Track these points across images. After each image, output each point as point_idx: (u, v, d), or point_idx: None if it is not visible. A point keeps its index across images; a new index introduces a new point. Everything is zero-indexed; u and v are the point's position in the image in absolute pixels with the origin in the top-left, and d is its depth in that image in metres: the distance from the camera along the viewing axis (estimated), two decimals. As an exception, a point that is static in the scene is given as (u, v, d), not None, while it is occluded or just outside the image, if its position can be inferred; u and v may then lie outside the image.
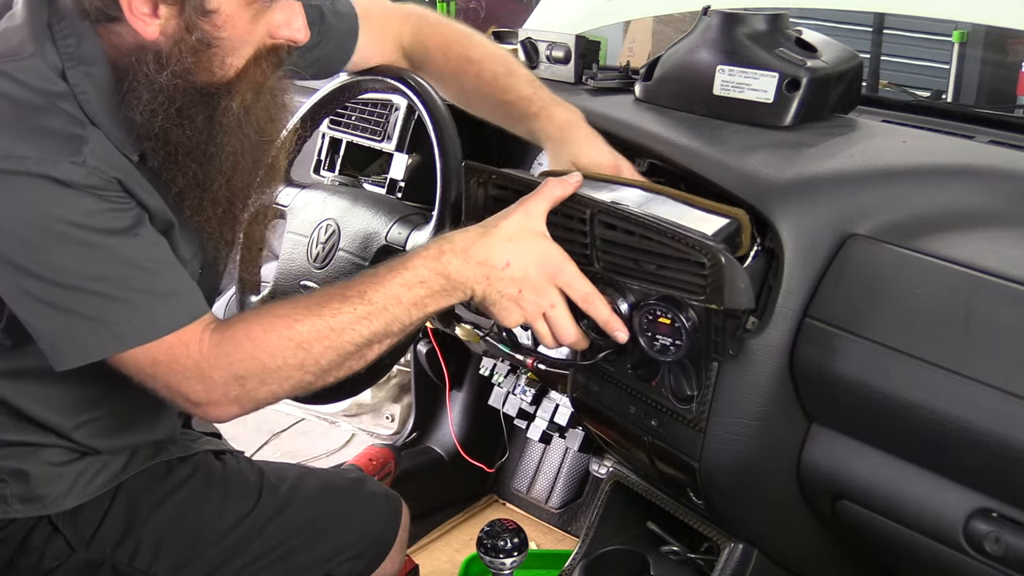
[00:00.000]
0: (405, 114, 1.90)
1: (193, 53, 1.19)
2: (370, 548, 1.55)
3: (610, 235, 1.28)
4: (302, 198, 1.69)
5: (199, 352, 1.21)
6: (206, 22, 1.18)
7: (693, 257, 1.20)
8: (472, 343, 1.98)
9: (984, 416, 1.10)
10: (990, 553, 1.14)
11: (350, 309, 1.22)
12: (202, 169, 1.27)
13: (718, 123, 1.52)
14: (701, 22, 1.60)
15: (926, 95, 3.11)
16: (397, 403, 2.81)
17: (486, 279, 1.24)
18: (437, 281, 1.23)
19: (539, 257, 1.25)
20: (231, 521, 1.45)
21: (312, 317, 1.22)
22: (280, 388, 1.24)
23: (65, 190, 1.14)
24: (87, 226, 1.16)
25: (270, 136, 1.33)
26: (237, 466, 1.53)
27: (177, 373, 1.21)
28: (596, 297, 1.27)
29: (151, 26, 1.17)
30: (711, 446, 1.31)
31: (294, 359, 1.22)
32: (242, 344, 1.22)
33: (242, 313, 1.29)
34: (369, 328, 1.23)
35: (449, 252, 1.24)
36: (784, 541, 1.49)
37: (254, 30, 1.22)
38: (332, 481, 1.58)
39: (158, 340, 1.19)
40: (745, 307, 1.20)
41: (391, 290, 1.23)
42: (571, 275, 1.26)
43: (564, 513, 2.44)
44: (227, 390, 1.22)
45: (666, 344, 1.26)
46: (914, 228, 1.28)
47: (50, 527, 1.38)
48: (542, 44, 1.88)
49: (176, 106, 1.21)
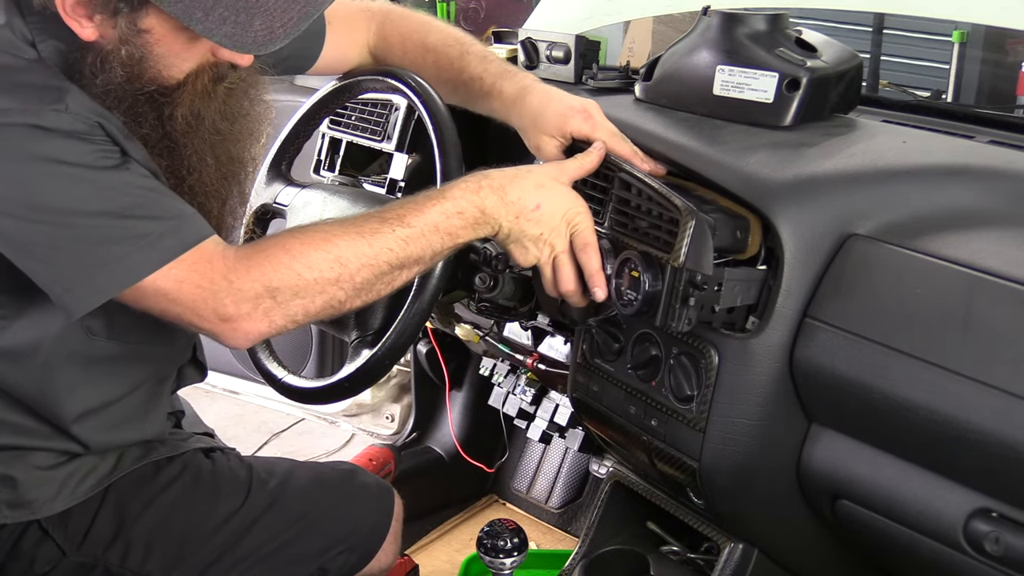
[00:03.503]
0: (405, 114, 1.90)
1: (126, 64, 1.20)
2: (363, 541, 1.55)
3: (624, 194, 1.36)
4: (302, 198, 1.69)
5: (225, 265, 1.21)
6: (139, 38, 1.19)
7: (673, 214, 1.26)
8: (472, 343, 1.98)
9: (984, 416, 1.10)
10: (990, 553, 1.14)
11: (389, 230, 1.25)
12: (170, 162, 1.28)
13: (718, 123, 1.52)
14: (701, 22, 1.60)
15: (926, 95, 3.11)
16: (397, 403, 2.81)
17: (515, 218, 1.30)
18: (473, 214, 1.28)
19: (565, 204, 1.32)
20: (221, 518, 1.45)
21: (351, 234, 1.24)
22: (312, 304, 1.24)
23: (51, 134, 1.15)
24: (78, 163, 1.16)
25: (231, 134, 1.33)
26: (227, 463, 1.52)
27: (204, 289, 1.20)
28: (593, 249, 1.33)
29: (87, 28, 1.18)
30: (711, 446, 1.31)
31: (331, 273, 1.22)
32: (276, 256, 1.22)
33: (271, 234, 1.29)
34: (405, 251, 1.25)
35: (487, 188, 1.29)
36: (784, 541, 1.49)
37: (193, 48, 1.23)
38: (323, 474, 1.58)
39: (176, 261, 1.18)
40: (703, 271, 1.23)
41: (430, 217, 1.26)
42: (585, 225, 1.33)
43: (564, 513, 2.44)
44: (258, 302, 1.21)
45: (630, 298, 1.30)
46: (914, 228, 1.28)
47: (40, 531, 1.37)
48: (542, 44, 1.88)
49: (126, 104, 1.22)
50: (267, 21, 1.17)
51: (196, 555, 1.43)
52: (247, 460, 1.55)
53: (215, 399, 3.03)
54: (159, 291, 1.19)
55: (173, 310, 1.22)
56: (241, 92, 1.32)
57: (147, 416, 1.45)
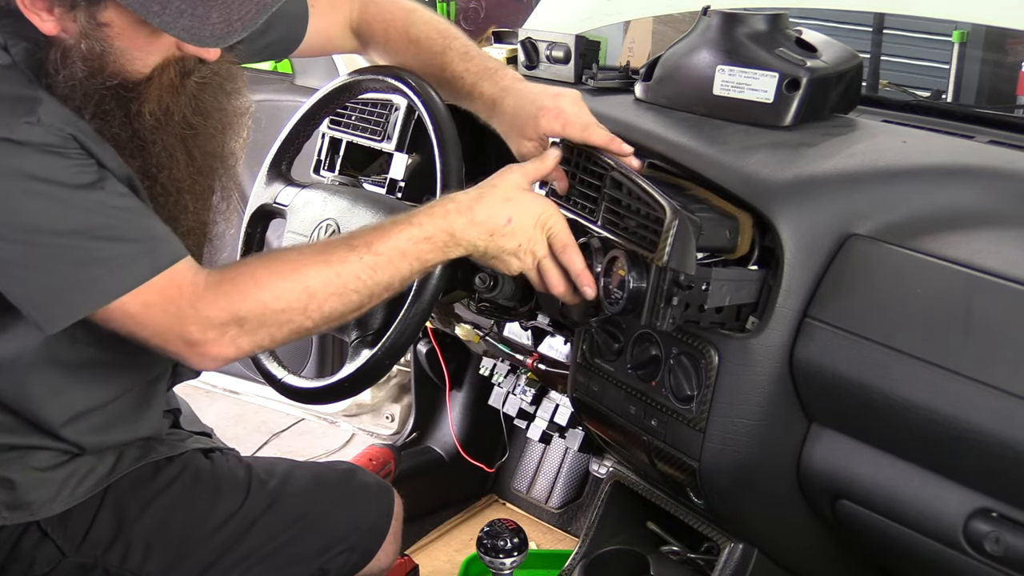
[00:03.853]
0: (405, 114, 1.90)
1: (87, 58, 1.19)
2: (363, 540, 1.55)
3: (615, 193, 1.34)
4: (302, 198, 1.69)
5: (193, 293, 1.21)
6: (98, 32, 1.18)
7: (658, 214, 1.25)
8: (472, 343, 1.98)
9: (984, 416, 1.10)
10: (990, 553, 1.14)
11: (356, 258, 1.25)
12: (141, 162, 1.27)
13: (718, 123, 1.52)
14: (701, 22, 1.60)
15: (926, 95, 3.10)
16: (397, 403, 2.81)
17: (489, 236, 1.30)
18: (441, 238, 1.28)
19: (535, 211, 1.32)
20: (221, 518, 1.45)
21: (319, 263, 1.24)
22: (279, 332, 1.25)
23: (24, 149, 1.14)
24: (52, 180, 1.15)
25: (203, 128, 1.32)
26: (226, 463, 1.52)
27: (171, 315, 1.20)
28: (573, 249, 1.33)
29: (47, 22, 1.17)
30: (711, 446, 1.31)
31: (298, 303, 1.23)
32: (245, 285, 1.22)
33: (241, 259, 1.29)
34: (373, 278, 1.25)
35: (454, 212, 1.29)
36: (784, 541, 1.49)
37: (156, 42, 1.22)
38: (322, 474, 1.58)
39: (146, 284, 1.18)
40: (685, 271, 1.23)
41: (396, 243, 1.26)
42: (559, 227, 1.33)
43: (564, 513, 2.44)
44: (225, 330, 1.22)
45: (617, 296, 1.30)
46: (914, 228, 1.28)
47: (39, 532, 1.37)
48: (542, 44, 1.88)
49: (93, 101, 1.21)
50: (224, 14, 1.16)
51: (195, 556, 1.43)
52: (246, 460, 1.55)
53: (215, 399, 3.03)
54: (127, 314, 1.20)
55: (140, 333, 1.22)
56: (215, 86, 1.31)
57: (142, 415, 1.45)
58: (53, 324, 1.18)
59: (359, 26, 1.61)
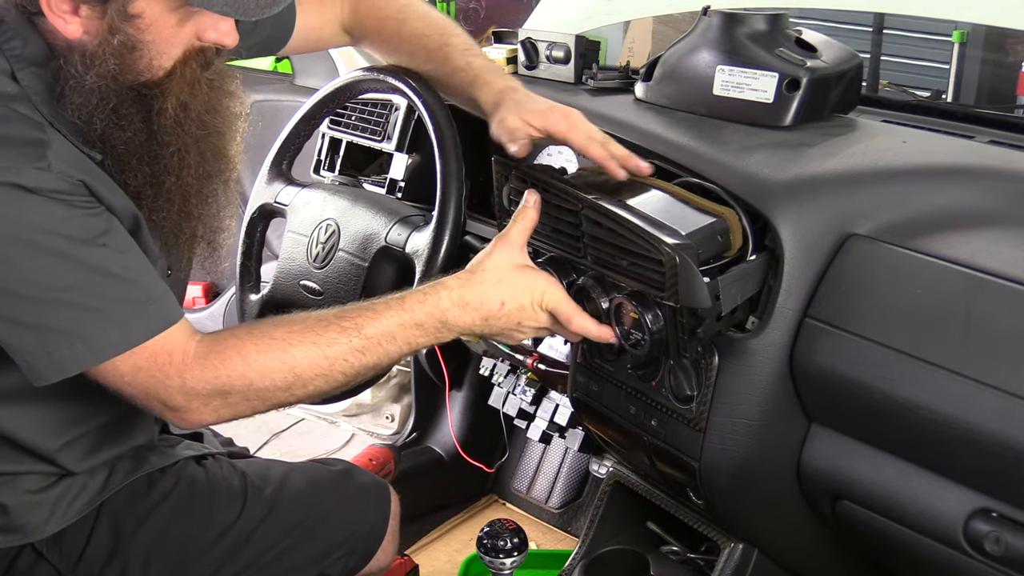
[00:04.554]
0: (405, 114, 1.90)
1: (118, 55, 1.18)
2: (362, 542, 1.54)
3: (596, 231, 1.30)
4: (302, 197, 1.69)
5: (183, 362, 1.21)
6: (129, 25, 1.16)
7: (653, 254, 1.22)
8: (472, 343, 1.98)
9: (984, 416, 1.10)
10: (990, 553, 1.14)
11: (346, 340, 1.24)
12: (151, 168, 1.26)
13: (718, 123, 1.52)
14: (701, 22, 1.60)
15: (926, 95, 3.11)
16: (397, 403, 2.81)
17: (484, 321, 1.29)
18: (433, 324, 1.28)
19: (529, 289, 1.30)
20: (218, 530, 1.44)
21: (308, 344, 1.23)
22: (261, 405, 1.26)
23: (32, 197, 1.13)
24: (57, 233, 1.14)
25: (214, 127, 1.32)
26: (220, 471, 1.50)
27: (158, 381, 1.21)
28: (579, 316, 1.31)
29: (71, 24, 1.16)
30: (711, 446, 1.31)
31: (283, 382, 1.23)
32: (231, 360, 1.22)
33: (232, 328, 1.28)
34: (361, 361, 1.25)
35: (447, 300, 1.28)
36: (784, 541, 1.49)
37: (180, 33, 1.21)
38: (318, 477, 1.56)
39: (139, 347, 1.19)
40: (701, 306, 1.22)
41: (387, 327, 1.26)
42: (557, 299, 1.31)
43: (564, 513, 2.44)
44: (208, 400, 1.22)
45: (637, 338, 1.29)
46: (914, 228, 1.28)
47: (34, 554, 1.35)
48: (542, 44, 1.88)
49: (111, 106, 1.20)
50: None
51: (195, 569, 1.42)
52: (240, 466, 1.53)
53: (215, 399, 3.03)
54: (117, 373, 1.20)
55: (126, 391, 1.23)
56: (218, 85, 1.31)
57: (133, 427, 1.44)
58: (44, 378, 1.18)
59: (351, 23, 1.60)
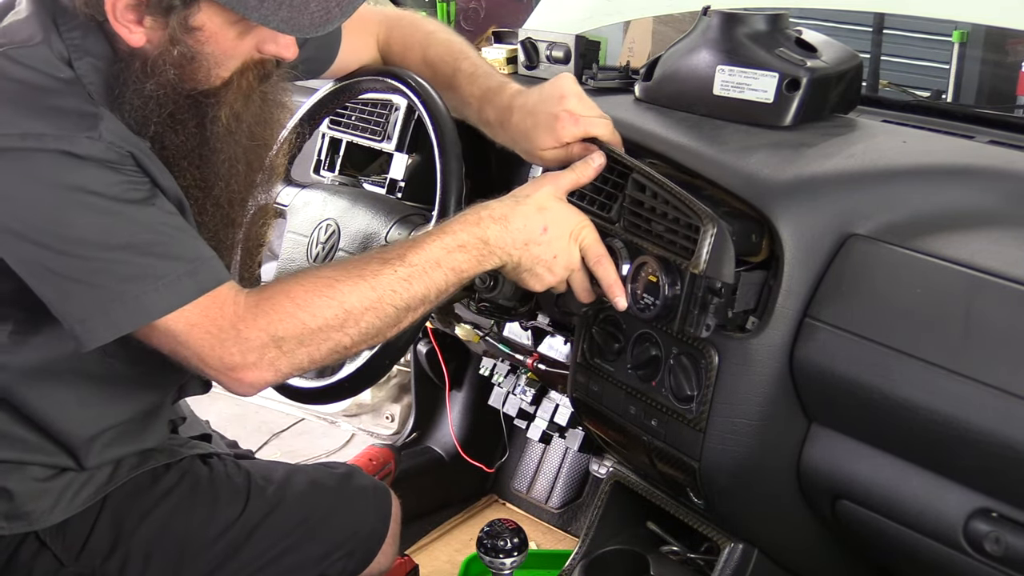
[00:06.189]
0: (405, 114, 1.90)
1: (177, 65, 1.20)
2: (362, 544, 1.55)
3: (638, 195, 1.34)
4: (302, 198, 1.69)
5: (235, 313, 1.20)
6: (190, 37, 1.18)
7: (693, 221, 1.24)
8: (472, 343, 1.98)
9: (984, 416, 1.10)
10: (990, 553, 1.14)
11: (391, 271, 1.24)
12: (200, 172, 1.27)
13: (718, 123, 1.52)
14: (701, 22, 1.60)
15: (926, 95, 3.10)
16: (397, 403, 2.81)
17: (525, 245, 1.29)
18: (476, 246, 1.27)
19: (570, 221, 1.32)
20: (220, 527, 1.44)
21: (353, 278, 1.23)
22: (317, 351, 1.24)
23: (83, 163, 1.14)
24: (106, 195, 1.16)
25: (263, 139, 1.33)
26: (224, 470, 1.51)
27: (212, 336, 1.20)
28: (607, 260, 1.33)
29: (136, 33, 1.18)
30: (711, 446, 1.31)
31: (335, 319, 1.22)
32: (281, 304, 1.21)
33: (278, 279, 1.29)
34: (409, 291, 1.25)
35: (488, 218, 1.28)
36: (784, 541, 1.49)
37: (240, 45, 1.22)
38: (320, 478, 1.57)
39: (191, 304, 1.18)
40: (724, 280, 1.22)
41: (431, 253, 1.26)
42: (592, 238, 1.33)
43: (564, 513, 2.44)
44: (264, 352, 1.21)
45: (648, 302, 1.29)
46: (914, 228, 1.28)
47: (37, 543, 1.36)
48: (542, 44, 1.88)
49: (167, 111, 1.22)
50: (322, 2, 1.17)
51: (195, 565, 1.42)
52: (244, 466, 1.54)
53: (215, 399, 3.01)
54: (170, 332, 1.20)
55: (181, 352, 1.22)
56: (272, 98, 1.32)
57: (147, 429, 1.44)
58: (95, 339, 1.18)
59: (384, 48, 1.63)
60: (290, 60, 1.28)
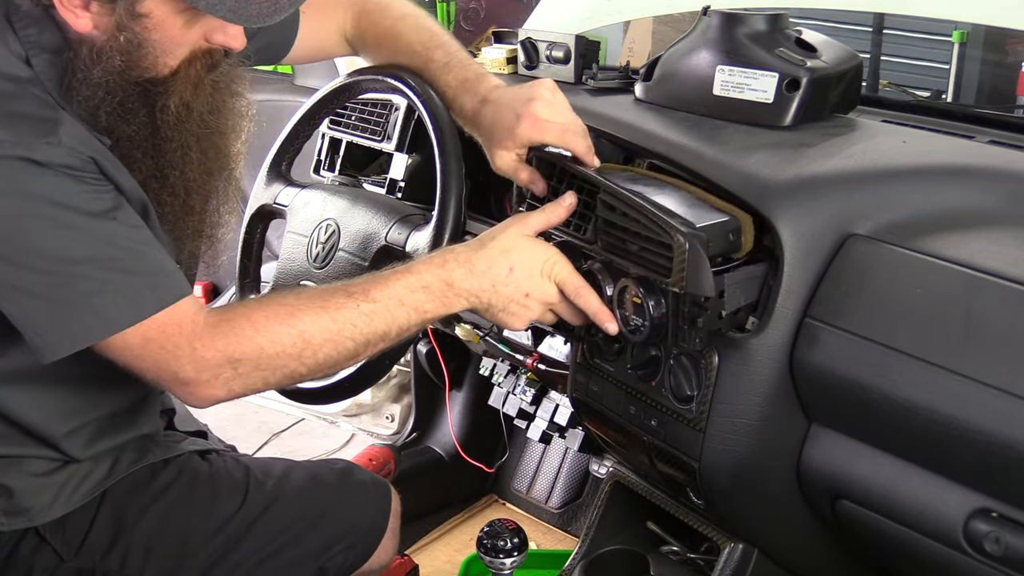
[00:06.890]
0: (405, 114, 1.90)
1: (124, 52, 1.19)
2: (362, 538, 1.55)
3: (609, 215, 1.32)
4: (302, 198, 1.69)
5: (192, 332, 1.21)
6: (136, 24, 1.18)
7: (664, 239, 1.24)
8: (472, 343, 1.98)
9: (984, 416, 1.10)
10: (990, 553, 1.14)
11: (353, 305, 1.24)
12: (155, 162, 1.27)
13: (718, 123, 1.52)
14: (701, 22, 1.60)
15: (926, 95, 3.11)
16: (397, 403, 2.81)
17: (492, 287, 1.28)
18: (439, 288, 1.27)
19: (537, 258, 1.30)
20: (219, 521, 1.45)
21: (316, 309, 1.23)
22: (272, 376, 1.25)
23: (43, 171, 1.14)
24: (67, 206, 1.15)
25: (216, 127, 1.32)
26: (223, 465, 1.51)
27: (168, 352, 1.20)
28: (586, 290, 1.32)
29: (82, 19, 1.17)
30: (711, 446, 1.31)
31: (293, 348, 1.23)
32: (241, 327, 1.22)
33: (241, 301, 1.29)
34: (369, 326, 1.25)
35: (452, 261, 1.28)
36: (784, 541, 1.49)
37: (187, 34, 1.22)
38: (319, 473, 1.57)
39: (149, 319, 1.19)
40: (705, 295, 1.22)
41: (394, 291, 1.26)
42: (565, 272, 1.31)
43: (564, 513, 2.44)
44: (219, 371, 1.22)
45: (636, 324, 1.29)
46: (914, 228, 1.28)
47: (37, 538, 1.36)
48: (542, 44, 1.88)
49: (116, 99, 1.21)
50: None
51: (195, 559, 1.42)
52: (243, 461, 1.55)
53: (215, 399, 3.03)
54: (127, 346, 1.20)
55: (136, 365, 1.22)
56: (224, 86, 1.32)
57: (138, 417, 1.45)
58: (54, 352, 1.18)
59: (353, 35, 1.61)
60: (238, 50, 1.27)
